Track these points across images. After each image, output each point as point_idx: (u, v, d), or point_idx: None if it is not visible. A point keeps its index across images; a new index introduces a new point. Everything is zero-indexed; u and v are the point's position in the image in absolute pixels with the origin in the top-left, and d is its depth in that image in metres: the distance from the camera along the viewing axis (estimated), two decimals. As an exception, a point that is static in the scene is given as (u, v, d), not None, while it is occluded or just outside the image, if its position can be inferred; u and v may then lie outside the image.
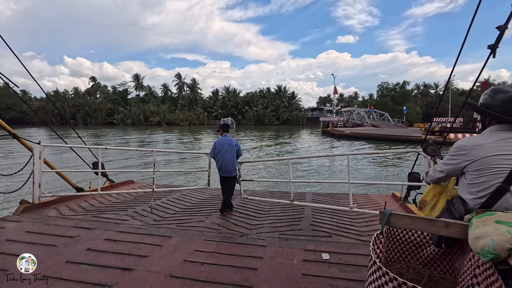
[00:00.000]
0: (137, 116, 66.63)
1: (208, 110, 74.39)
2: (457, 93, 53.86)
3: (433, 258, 1.77)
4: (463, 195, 1.57)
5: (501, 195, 1.37)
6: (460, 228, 1.36)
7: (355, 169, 14.44)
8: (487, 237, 1.13)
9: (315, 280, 2.65)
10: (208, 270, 2.80)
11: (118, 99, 73.64)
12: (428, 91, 73.68)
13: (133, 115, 66.88)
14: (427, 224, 1.44)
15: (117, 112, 68.68)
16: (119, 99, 73.68)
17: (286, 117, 72.76)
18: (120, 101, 73.14)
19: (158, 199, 5.65)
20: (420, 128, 30.96)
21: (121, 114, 67.62)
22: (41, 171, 4.82)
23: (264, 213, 4.95)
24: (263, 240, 3.65)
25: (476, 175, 1.45)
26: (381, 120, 52.45)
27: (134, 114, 66.92)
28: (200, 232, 3.94)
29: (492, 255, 1.09)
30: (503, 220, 1.20)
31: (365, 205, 5.31)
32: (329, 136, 37.08)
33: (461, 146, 1.55)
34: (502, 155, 1.38)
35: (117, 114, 68.15)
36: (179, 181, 11.77)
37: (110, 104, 70.49)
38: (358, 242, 3.59)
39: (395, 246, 1.85)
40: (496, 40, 3.23)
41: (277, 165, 14.98)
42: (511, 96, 1.45)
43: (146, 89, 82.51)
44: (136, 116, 66.64)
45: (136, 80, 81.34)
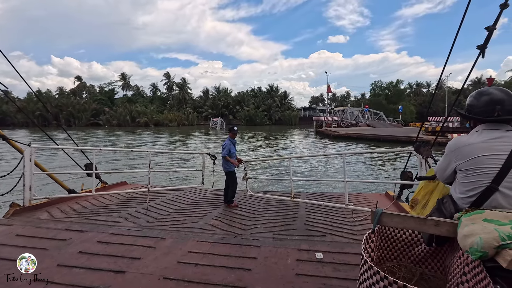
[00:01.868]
0: (123, 117, 64.15)
1: (198, 110, 72.79)
2: (451, 92, 54.06)
3: (424, 256, 1.79)
4: (453, 194, 1.59)
5: (490, 194, 1.39)
6: (450, 226, 1.38)
7: (351, 170, 14.54)
8: (475, 236, 1.14)
9: (309, 279, 2.66)
10: (202, 272, 2.79)
11: (104, 99, 71.05)
12: (421, 90, 73.78)
13: (119, 116, 64.28)
14: (418, 223, 1.46)
15: (103, 112, 66.13)
16: (105, 99, 71.02)
17: (278, 117, 71.95)
18: (106, 101, 70.50)
19: (152, 200, 5.61)
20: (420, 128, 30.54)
21: (107, 115, 65.18)
22: (32, 173, 4.75)
23: (259, 213, 4.95)
24: (257, 240, 3.65)
25: (466, 174, 1.47)
26: (375, 119, 51.65)
27: (120, 115, 64.34)
28: (194, 233, 3.92)
29: (480, 253, 1.10)
30: (491, 218, 1.22)
31: (359, 204, 5.34)
32: (323, 137, 35.31)
33: (452, 146, 1.57)
34: (491, 155, 1.40)
35: (103, 115, 65.62)
36: (173, 181, 11.70)
37: (96, 104, 67.89)
38: (352, 241, 3.62)
39: (387, 245, 1.86)
40: (485, 40, 3.27)
41: (274, 166, 14.99)
42: (493, 98, 1.49)
43: (133, 89, 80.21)
44: (122, 117, 64.15)
45: (123, 79, 78.69)
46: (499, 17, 3.17)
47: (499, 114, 1.46)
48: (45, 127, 49.56)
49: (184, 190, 6.83)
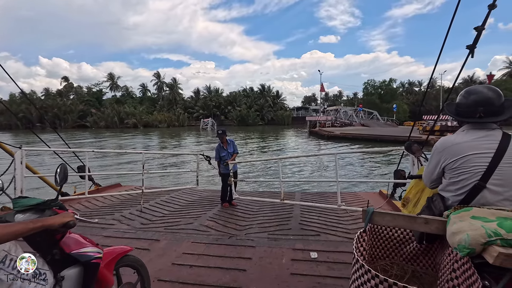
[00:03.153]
0: (111, 118, 61.79)
1: (189, 111, 70.88)
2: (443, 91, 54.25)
3: (415, 254, 1.82)
4: (442, 192, 1.61)
5: (478, 192, 1.42)
6: (439, 224, 1.40)
7: (346, 169, 14.61)
8: (463, 233, 1.17)
9: (303, 279, 2.67)
10: (196, 273, 2.79)
11: (92, 100, 68.69)
12: (413, 89, 73.76)
13: (107, 117, 62.00)
14: (408, 221, 1.48)
15: (90, 114, 63.57)
16: (92, 100, 68.66)
17: (271, 117, 70.49)
18: (94, 102, 68.23)
19: (146, 202, 5.57)
20: (418, 128, 28.03)
21: (94, 116, 62.69)
22: (23, 176, 4.69)
23: (253, 214, 4.95)
24: (252, 240, 3.65)
25: (455, 173, 1.50)
26: (369, 119, 51.01)
27: (107, 116, 62.05)
28: (188, 234, 3.91)
29: (468, 249, 1.12)
30: (478, 215, 1.24)
31: (353, 203, 5.39)
32: (317, 137, 33.96)
33: (439, 146, 1.60)
34: (479, 153, 1.43)
35: (90, 116, 63.00)
36: (168, 182, 11.65)
37: (83, 105, 65.35)
38: (346, 240, 3.64)
39: (379, 244, 1.89)
40: (474, 40, 3.33)
41: (265, 168, 14.98)
42: (479, 99, 1.52)
43: (122, 90, 77.27)
44: (110, 118, 61.80)
45: (111, 79, 75.61)
46: (487, 17, 3.22)
47: (481, 115, 1.49)
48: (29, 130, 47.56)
49: (179, 191, 6.80)
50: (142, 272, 2.03)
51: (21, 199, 1.40)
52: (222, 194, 5.62)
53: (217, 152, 5.61)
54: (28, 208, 1.35)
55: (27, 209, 1.34)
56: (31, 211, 1.35)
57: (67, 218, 1.27)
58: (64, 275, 1.34)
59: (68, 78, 75.57)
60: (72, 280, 1.37)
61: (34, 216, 1.32)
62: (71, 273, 1.38)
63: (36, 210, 1.36)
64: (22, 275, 1.13)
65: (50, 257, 1.33)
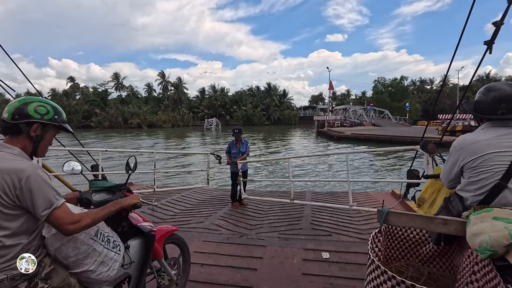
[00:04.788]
0: (115, 118, 61.36)
1: (194, 111, 69.83)
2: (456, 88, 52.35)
3: (432, 255, 1.77)
4: (461, 192, 1.56)
5: (499, 192, 1.37)
6: (458, 225, 1.35)
7: (357, 169, 14.41)
8: (484, 234, 1.12)
9: (315, 279, 2.65)
10: (208, 271, 2.80)
11: (97, 100, 67.94)
12: (425, 87, 71.68)
13: (111, 117, 61.49)
14: (425, 221, 1.43)
15: (94, 114, 63.06)
16: (97, 100, 67.89)
17: (277, 116, 69.00)
18: (99, 102, 67.39)
19: (157, 200, 5.64)
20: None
21: (99, 117, 62.16)
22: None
23: (264, 213, 4.94)
24: (262, 240, 3.64)
25: (474, 172, 1.45)
26: (380, 118, 49.45)
27: (112, 116, 61.50)
28: (199, 233, 3.94)
29: (490, 251, 1.08)
30: (500, 216, 1.20)
31: (365, 203, 5.31)
32: (326, 138, 31.79)
33: (458, 144, 1.55)
34: (499, 152, 1.38)
35: (95, 116, 62.54)
36: (178, 181, 11.76)
37: (88, 105, 65.05)
38: (358, 241, 3.59)
39: (394, 244, 1.84)
40: (492, 36, 3.22)
41: (274, 169, 14.92)
42: (500, 95, 1.45)
43: (127, 89, 76.50)
44: (114, 118, 61.38)
45: (116, 79, 74.38)
46: (507, 12, 3.11)
47: (503, 112, 1.43)
48: None
49: (190, 190, 6.86)
50: (185, 250, 2.33)
51: (97, 181, 1.70)
52: (232, 193, 5.63)
53: (229, 147, 5.67)
54: (103, 189, 1.63)
55: (101, 189, 1.62)
56: (105, 191, 1.63)
57: (135, 200, 1.53)
58: (129, 244, 1.64)
59: (74, 79, 75.36)
60: (135, 248, 1.68)
61: (107, 196, 1.60)
62: (135, 243, 1.68)
63: (109, 191, 1.64)
64: (107, 246, 1.42)
65: (121, 229, 1.61)
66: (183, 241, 2.30)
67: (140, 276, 1.68)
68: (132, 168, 1.83)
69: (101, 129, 58.79)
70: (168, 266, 2.02)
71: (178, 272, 2.21)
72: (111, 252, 1.43)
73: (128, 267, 1.59)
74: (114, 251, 1.46)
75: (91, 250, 1.34)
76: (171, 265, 2.12)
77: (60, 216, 1.14)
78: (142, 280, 1.68)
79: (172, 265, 2.14)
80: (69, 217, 1.17)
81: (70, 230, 1.17)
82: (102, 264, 1.38)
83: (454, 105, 38.90)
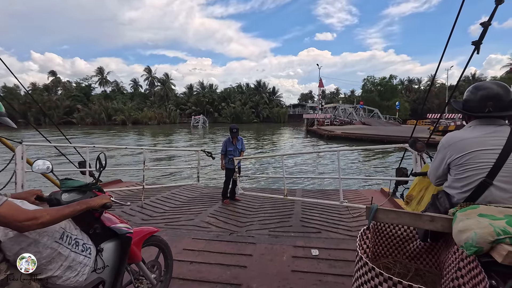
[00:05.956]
0: (98, 115, 59.18)
1: (181, 107, 68.16)
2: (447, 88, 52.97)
3: (419, 252, 1.79)
4: (448, 190, 1.58)
5: (484, 188, 1.39)
6: (444, 222, 1.37)
7: (347, 167, 14.57)
8: (470, 231, 1.14)
9: (304, 276, 2.66)
10: (197, 269, 2.78)
11: (80, 95, 64.97)
12: (413, 87, 72.08)
13: (94, 114, 59.33)
14: (413, 218, 1.45)
15: (77, 110, 60.53)
16: (80, 96, 64.85)
17: (267, 114, 68.01)
18: (82, 98, 64.36)
19: (147, 197, 5.56)
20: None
21: (81, 113, 59.84)
22: (24, 171, 4.68)
23: (255, 211, 4.94)
24: (252, 237, 3.64)
25: (461, 170, 1.47)
26: (370, 117, 48.90)
27: (95, 113, 59.32)
28: (189, 230, 3.90)
29: (475, 248, 1.09)
30: (486, 213, 1.21)
31: (355, 201, 5.36)
32: (316, 136, 30.84)
33: (445, 142, 1.57)
34: (486, 149, 1.40)
35: (77, 112, 60.11)
36: (168, 178, 11.65)
37: (70, 101, 61.97)
38: (348, 238, 3.62)
39: (382, 241, 1.86)
40: (480, 36, 3.27)
41: (265, 166, 14.95)
42: (490, 93, 1.48)
43: (112, 85, 73.58)
44: (97, 115, 59.19)
45: (100, 74, 71.30)
46: (494, 12, 3.17)
47: (490, 110, 1.46)
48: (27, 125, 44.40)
49: (180, 187, 6.79)
50: (166, 252, 2.24)
51: (68, 180, 1.63)
52: (224, 189, 5.58)
53: (225, 145, 5.54)
54: (73, 188, 1.57)
55: (71, 189, 1.56)
56: (75, 191, 1.57)
57: (105, 199, 1.47)
58: (103, 247, 1.56)
59: (55, 73, 72.10)
60: (109, 251, 1.60)
61: (78, 196, 1.54)
62: (108, 246, 1.60)
63: (79, 191, 1.58)
64: (75, 250, 1.34)
65: (92, 231, 1.53)
66: (164, 243, 2.22)
67: (115, 281, 1.60)
68: (103, 165, 1.74)
69: (83, 125, 56.63)
70: (147, 270, 1.94)
71: (159, 275, 2.13)
72: (79, 256, 1.36)
73: (101, 272, 1.52)
74: (84, 254, 1.38)
75: (56, 254, 1.26)
76: (151, 268, 2.05)
77: (6, 215, 1.06)
78: (117, 285, 1.61)
79: (152, 268, 2.07)
80: (20, 214, 1.09)
81: (25, 227, 1.10)
82: (69, 269, 1.30)
83: (442, 104, 39.41)
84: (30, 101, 55.96)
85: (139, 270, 1.91)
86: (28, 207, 1.20)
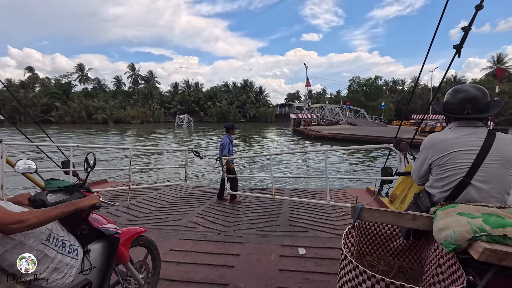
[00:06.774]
0: (78, 113, 56.22)
1: (165, 106, 66.35)
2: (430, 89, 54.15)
3: (402, 249, 1.84)
4: (429, 189, 1.64)
5: (463, 188, 1.44)
6: (426, 220, 1.42)
7: (334, 167, 14.76)
8: (449, 229, 1.18)
9: (291, 275, 2.68)
10: (184, 270, 2.76)
11: (59, 93, 61.44)
12: (397, 88, 73.25)
13: (73, 112, 56.26)
14: (396, 217, 1.49)
15: (55, 108, 57.11)
16: (59, 93, 61.22)
17: (253, 113, 67.54)
18: (61, 95, 60.85)
19: (133, 198, 5.47)
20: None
21: (60, 111, 56.53)
22: (4, 171, 4.51)
23: (242, 210, 4.94)
24: (240, 237, 3.64)
25: (441, 169, 1.52)
26: (356, 117, 49.49)
27: (74, 111, 56.27)
28: (176, 231, 3.87)
29: (454, 245, 1.14)
30: (464, 211, 1.26)
31: (341, 200, 5.44)
32: (303, 137, 30.73)
33: (427, 142, 1.62)
34: (465, 150, 1.45)
35: (55, 111, 56.71)
36: (154, 179, 11.49)
37: (47, 98, 58.34)
38: (334, 236, 3.68)
39: (367, 239, 1.90)
40: (461, 40, 3.38)
41: (256, 165, 14.97)
42: (468, 95, 1.54)
43: (94, 82, 70.79)
44: (77, 113, 56.19)
45: (80, 71, 68.58)
46: (474, 18, 3.27)
47: (469, 112, 1.51)
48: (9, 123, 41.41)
49: (167, 187, 6.71)
50: (154, 252, 2.23)
51: (53, 180, 1.57)
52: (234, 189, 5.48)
53: (230, 144, 5.50)
54: (59, 189, 1.52)
55: (57, 190, 1.51)
56: (62, 192, 1.52)
57: (94, 200, 1.45)
58: (90, 248, 1.53)
59: (33, 69, 68.00)
60: (97, 252, 1.57)
61: (64, 196, 1.49)
62: (96, 247, 1.57)
63: (66, 192, 1.52)
64: (61, 251, 1.31)
65: (80, 232, 1.50)
66: (152, 243, 2.21)
67: (102, 282, 1.58)
68: (92, 166, 1.72)
69: (62, 124, 53.66)
70: (135, 270, 1.93)
71: (147, 276, 2.12)
72: (66, 257, 1.34)
73: (88, 273, 1.49)
74: (71, 256, 1.36)
75: (42, 256, 1.23)
76: (139, 269, 2.03)
77: None
78: (104, 287, 1.59)
79: (140, 268, 2.05)
80: (6, 217, 1.05)
81: (11, 230, 1.07)
82: (55, 271, 1.28)
83: (425, 105, 40.50)
84: (3, 98, 52.99)
85: (126, 270, 1.89)
86: (13, 209, 1.17)
